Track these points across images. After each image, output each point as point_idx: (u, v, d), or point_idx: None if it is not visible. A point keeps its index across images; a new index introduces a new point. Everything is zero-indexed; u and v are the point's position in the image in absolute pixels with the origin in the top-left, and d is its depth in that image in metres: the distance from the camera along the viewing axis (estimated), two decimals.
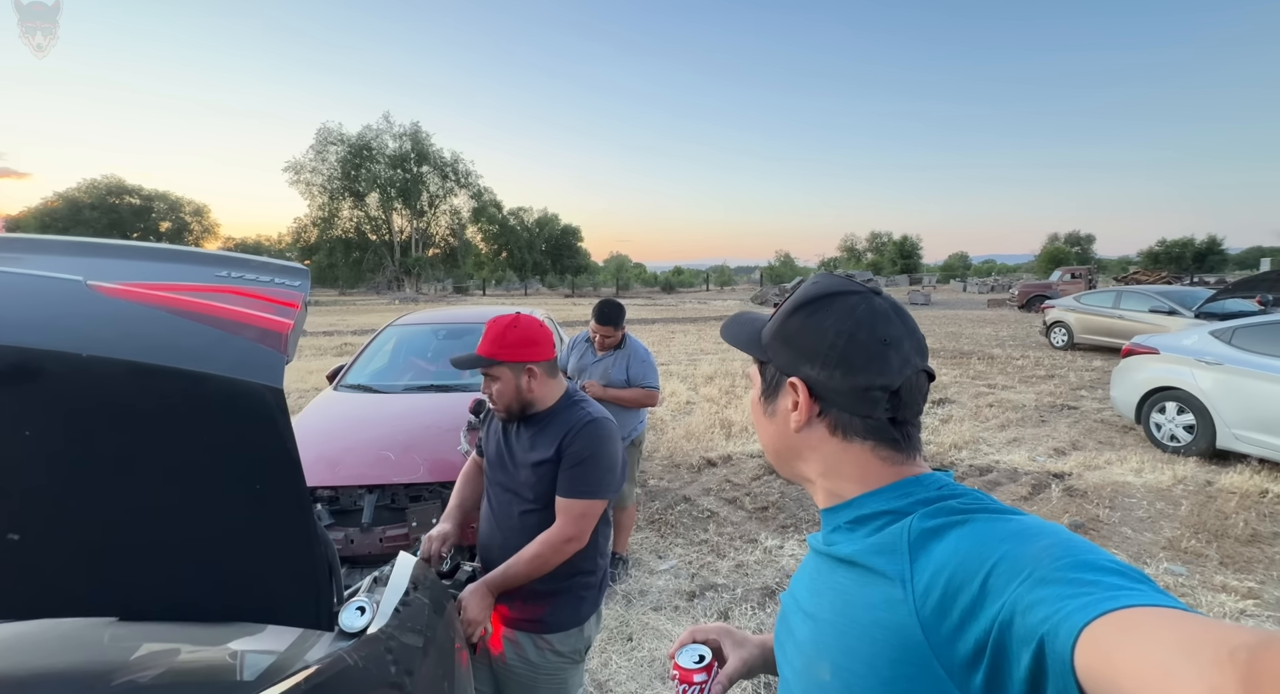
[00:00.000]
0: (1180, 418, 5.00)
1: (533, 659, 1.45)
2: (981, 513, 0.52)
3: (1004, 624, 0.42)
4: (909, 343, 0.59)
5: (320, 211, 45.25)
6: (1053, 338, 11.65)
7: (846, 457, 0.60)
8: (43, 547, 0.75)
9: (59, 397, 0.69)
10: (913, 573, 0.50)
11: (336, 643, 0.94)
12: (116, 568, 0.79)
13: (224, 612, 0.87)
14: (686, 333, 16.03)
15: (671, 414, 6.64)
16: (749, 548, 3.48)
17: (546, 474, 1.42)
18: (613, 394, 2.96)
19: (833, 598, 0.58)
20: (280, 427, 0.78)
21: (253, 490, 0.81)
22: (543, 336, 1.47)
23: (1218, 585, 3.03)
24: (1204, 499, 4.11)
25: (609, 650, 2.55)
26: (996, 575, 0.45)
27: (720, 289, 60.55)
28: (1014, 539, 0.47)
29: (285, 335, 0.83)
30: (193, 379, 0.73)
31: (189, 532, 0.80)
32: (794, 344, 0.62)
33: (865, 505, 0.59)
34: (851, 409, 0.59)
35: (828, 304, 0.61)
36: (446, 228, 50.44)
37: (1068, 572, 0.42)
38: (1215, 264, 51.36)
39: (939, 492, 0.56)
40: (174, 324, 0.78)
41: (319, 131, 44.69)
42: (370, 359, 4.27)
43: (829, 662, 0.56)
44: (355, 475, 2.77)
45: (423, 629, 1.11)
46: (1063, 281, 22.62)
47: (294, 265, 1.05)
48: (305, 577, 0.87)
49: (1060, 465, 4.83)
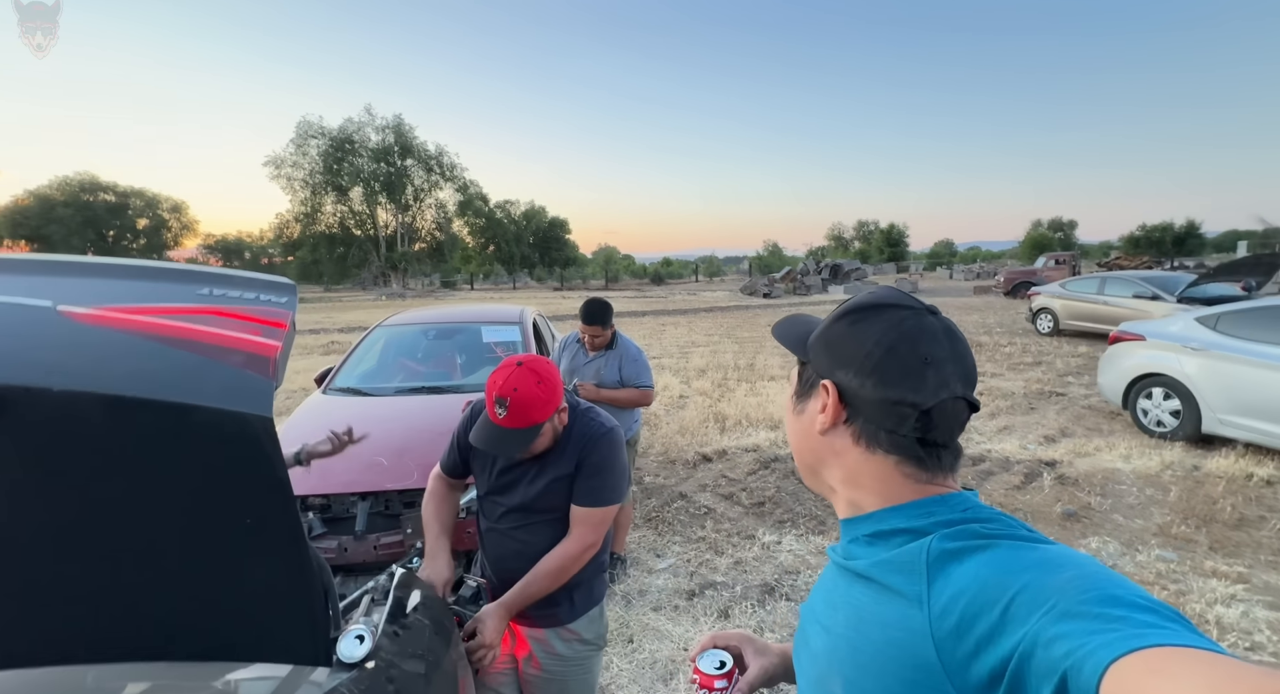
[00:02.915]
0: (1166, 403, 5.07)
1: (562, 653, 1.47)
2: (1006, 539, 0.51)
3: (1024, 655, 0.41)
4: (953, 367, 0.57)
5: (303, 206, 44.40)
6: (1039, 324, 11.77)
7: (868, 467, 0.59)
8: (23, 588, 0.70)
9: (30, 436, 0.65)
10: (930, 594, 0.50)
11: (335, 675, 0.90)
12: (98, 611, 0.75)
13: (216, 651, 0.83)
14: (677, 325, 16.01)
15: (665, 409, 6.63)
16: (747, 544, 3.48)
17: (564, 487, 1.42)
18: (607, 395, 2.93)
19: (848, 612, 0.58)
20: (271, 457, 0.74)
21: (243, 524, 0.77)
22: (553, 371, 1.39)
23: (1208, 571, 3.08)
24: (1192, 484, 4.18)
25: (609, 653, 2.53)
26: (1019, 605, 0.43)
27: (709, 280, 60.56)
28: (1039, 568, 0.46)
29: (273, 359, 0.79)
30: (176, 411, 0.69)
31: (176, 570, 0.75)
32: (834, 348, 0.61)
33: (885, 521, 0.58)
34: (878, 421, 0.58)
35: (877, 313, 0.60)
36: (432, 222, 49.75)
37: (1094, 606, 0.40)
38: (1194, 248, 52.16)
39: (963, 514, 0.55)
40: (153, 351, 0.73)
41: (299, 125, 43.68)
42: (359, 361, 4.19)
43: (841, 676, 0.56)
44: (347, 482, 2.71)
45: (424, 654, 1.08)
46: (1047, 268, 22.86)
47: (280, 280, 1.00)
48: (300, 611, 0.83)
49: (1051, 453, 4.89)
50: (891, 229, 64.79)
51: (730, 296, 29.38)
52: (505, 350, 4.15)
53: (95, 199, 44.60)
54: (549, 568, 1.38)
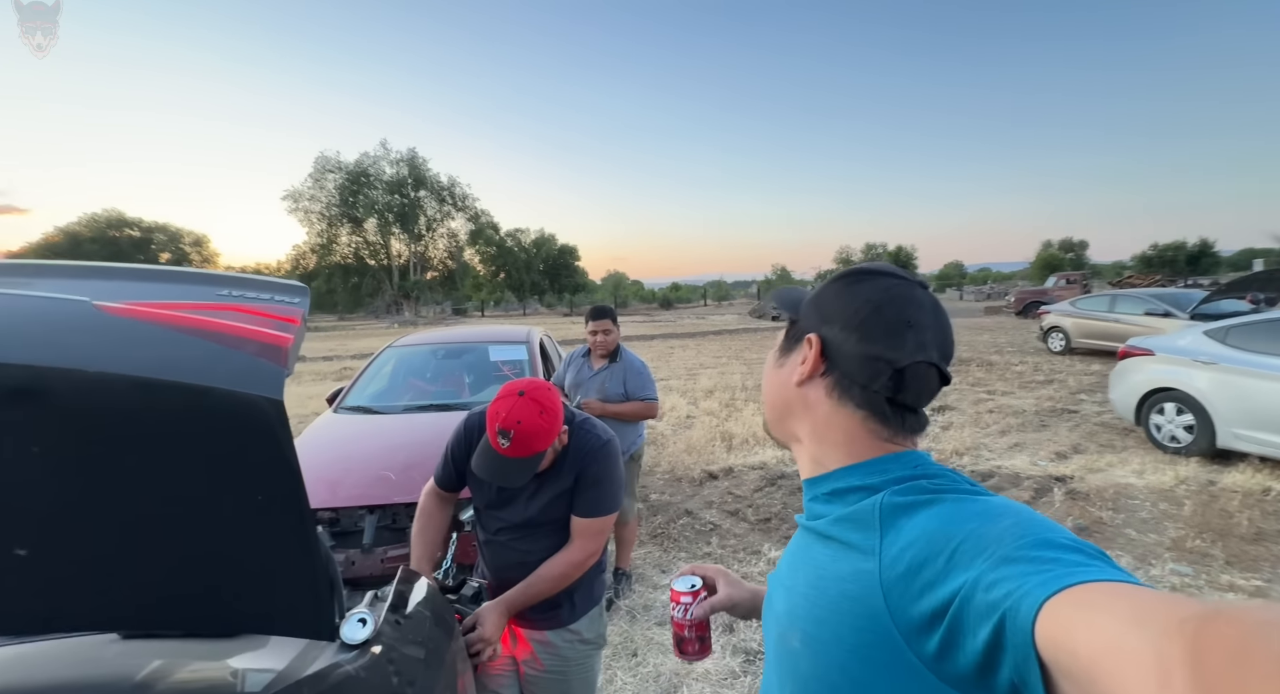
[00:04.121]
0: (1179, 418, 5.00)
1: (565, 653, 1.50)
2: (950, 493, 0.54)
3: (965, 598, 0.44)
4: (932, 335, 0.60)
5: (319, 238, 45.56)
6: (1050, 343, 11.68)
7: (836, 420, 0.62)
8: (48, 561, 0.76)
9: (67, 412, 0.72)
10: (881, 546, 0.53)
11: (339, 655, 0.94)
12: (121, 581, 0.80)
13: (226, 623, 0.88)
14: (685, 348, 16.06)
15: (672, 428, 6.63)
16: (752, 559, 3.46)
17: (564, 501, 1.45)
18: (612, 409, 2.97)
19: (808, 572, 0.61)
20: (281, 438, 0.80)
21: (254, 501, 0.82)
22: (554, 398, 1.39)
23: (1225, 585, 3.01)
24: (1207, 499, 4.10)
25: (614, 667, 2.52)
26: (961, 553, 0.47)
27: (718, 304, 60.82)
28: (980, 519, 0.50)
29: (286, 349, 0.86)
30: (195, 392, 0.76)
31: (192, 543, 0.81)
32: (824, 307, 0.65)
33: (843, 479, 0.61)
34: (853, 374, 0.61)
35: (871, 278, 0.64)
36: (444, 251, 50.76)
37: (1029, 549, 0.44)
38: (1209, 266, 51.66)
39: (914, 470, 0.58)
40: (177, 340, 0.81)
41: (317, 160, 45.18)
42: (369, 381, 4.29)
43: (799, 631, 0.59)
44: (356, 496, 2.77)
45: (424, 641, 1.12)
46: (1058, 287, 22.73)
47: (293, 283, 1.08)
48: (306, 585, 0.88)
49: (1062, 469, 4.82)
50: (900, 251, 64.87)
51: (739, 320, 29.46)
52: (513, 369, 4.23)
53: (121, 235, 46.18)
54: (551, 573, 1.41)
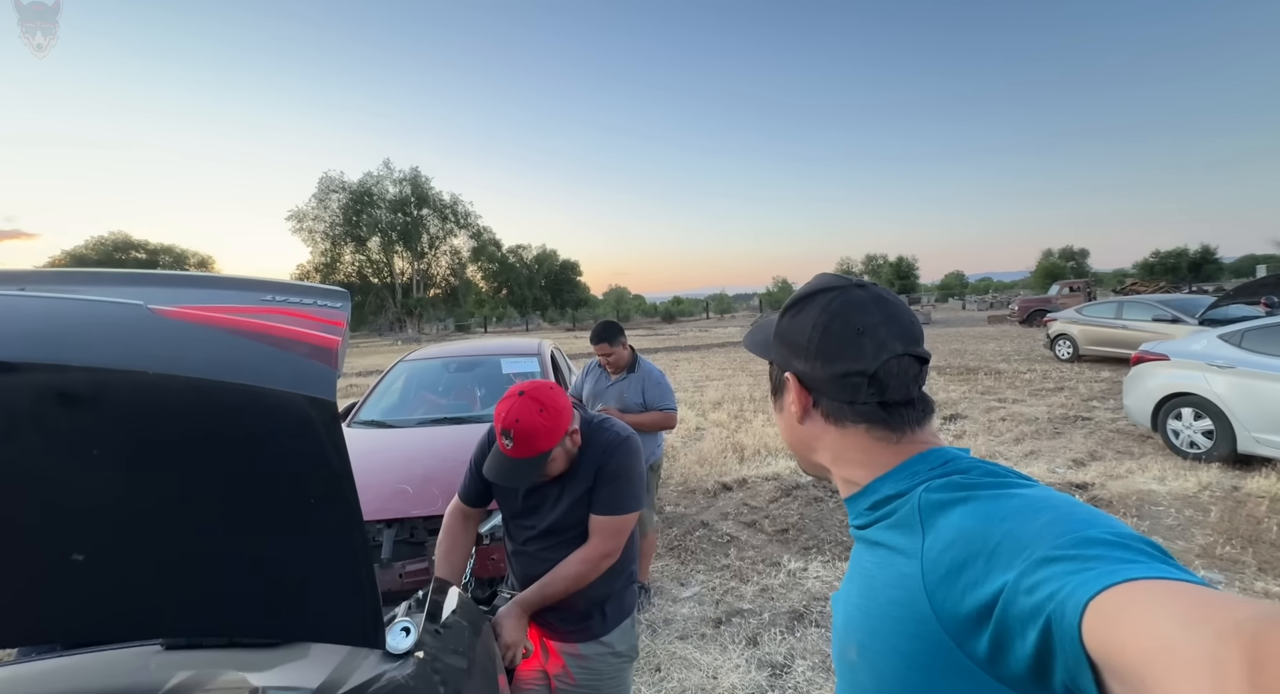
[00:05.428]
0: (1198, 423, 4.95)
1: (596, 666, 1.47)
2: (985, 489, 0.53)
3: (1007, 601, 0.42)
4: (886, 330, 0.61)
5: (322, 257, 45.92)
6: (1058, 351, 11.62)
7: (846, 442, 0.63)
8: (104, 566, 0.75)
9: (128, 414, 0.71)
10: (923, 547, 0.52)
11: (383, 664, 0.93)
12: (174, 584, 0.79)
13: (274, 630, 0.86)
14: (690, 361, 16.04)
15: (682, 440, 6.59)
16: (772, 571, 3.41)
17: (588, 503, 1.44)
18: (631, 419, 2.95)
19: (860, 582, 0.60)
20: (334, 438, 0.80)
21: (306, 502, 0.81)
22: (557, 397, 1.38)
23: (1259, 592, 2.95)
24: (1233, 504, 4.04)
25: (637, 682, 2.47)
26: (1000, 554, 0.45)
27: (720, 317, 60.84)
28: (1016, 516, 0.48)
29: (335, 351, 0.85)
30: (252, 393, 0.75)
31: (243, 545, 0.80)
32: (785, 342, 0.66)
33: (877, 490, 0.61)
34: (837, 396, 0.62)
35: (809, 302, 0.65)
36: (447, 268, 51.09)
37: (1069, 548, 0.42)
38: (1211, 273, 51.55)
39: (944, 467, 0.58)
40: (231, 342, 0.80)
41: (321, 180, 45.73)
42: (381, 396, 4.28)
43: (855, 643, 0.58)
44: (373, 510, 2.74)
45: (465, 650, 1.10)
46: (1061, 295, 22.69)
47: (335, 289, 1.08)
48: (355, 590, 0.86)
49: (1081, 476, 4.76)
50: (901, 261, 64.97)
51: (742, 332, 29.41)
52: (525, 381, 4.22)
53: (127, 257, 46.57)
54: (567, 572, 1.39)
